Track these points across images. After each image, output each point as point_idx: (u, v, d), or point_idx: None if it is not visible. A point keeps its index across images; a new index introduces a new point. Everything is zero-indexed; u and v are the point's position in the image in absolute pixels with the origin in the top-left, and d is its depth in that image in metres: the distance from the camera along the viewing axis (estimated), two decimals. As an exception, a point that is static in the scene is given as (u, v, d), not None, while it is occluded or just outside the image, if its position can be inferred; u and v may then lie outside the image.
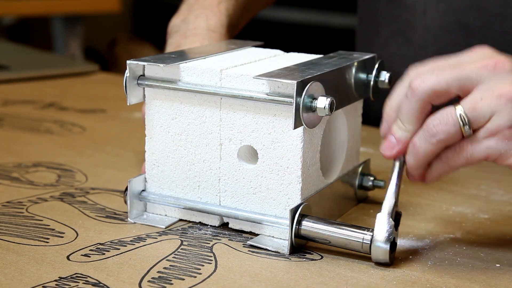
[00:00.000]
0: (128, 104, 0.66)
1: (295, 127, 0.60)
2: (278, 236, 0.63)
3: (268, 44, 0.77)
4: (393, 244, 0.59)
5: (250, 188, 0.64)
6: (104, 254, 0.60)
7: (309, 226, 0.61)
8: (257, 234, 0.64)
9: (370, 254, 0.59)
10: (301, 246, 0.62)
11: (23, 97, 1.14)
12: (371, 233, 0.59)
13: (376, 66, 0.70)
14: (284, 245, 0.62)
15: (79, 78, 1.28)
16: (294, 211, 0.61)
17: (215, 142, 0.65)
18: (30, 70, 1.29)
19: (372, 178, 0.72)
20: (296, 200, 0.62)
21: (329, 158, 0.69)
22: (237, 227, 0.65)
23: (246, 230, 0.65)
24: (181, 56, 0.68)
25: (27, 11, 2.30)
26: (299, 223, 0.61)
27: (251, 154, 0.65)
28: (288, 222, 0.61)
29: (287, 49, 0.75)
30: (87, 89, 1.22)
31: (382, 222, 0.59)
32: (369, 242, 0.59)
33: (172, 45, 0.82)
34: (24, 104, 1.09)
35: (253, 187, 0.64)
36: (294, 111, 0.59)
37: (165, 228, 0.66)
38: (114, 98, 1.15)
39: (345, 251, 0.62)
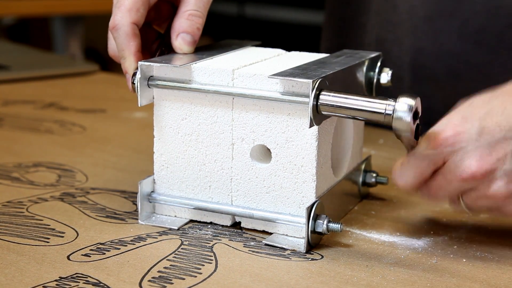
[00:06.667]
0: (139, 105, 0.66)
1: (311, 125, 0.60)
2: (293, 234, 0.63)
3: (267, 44, 0.77)
4: (415, 114, 0.58)
5: (263, 187, 0.64)
6: (104, 254, 0.61)
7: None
8: (269, 233, 0.64)
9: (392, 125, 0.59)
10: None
11: (23, 97, 1.14)
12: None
13: (379, 64, 0.70)
14: (299, 243, 0.62)
15: (79, 78, 1.28)
16: (310, 209, 0.61)
17: (227, 142, 0.65)
18: (30, 70, 1.29)
19: (374, 175, 0.73)
20: (311, 198, 0.63)
21: (337, 156, 0.70)
22: (249, 226, 0.65)
23: (259, 229, 0.65)
24: (188, 56, 0.68)
25: (27, 11, 2.30)
26: (314, 220, 0.61)
27: (263, 154, 0.65)
28: (303, 220, 0.61)
29: (286, 49, 0.75)
30: (87, 89, 1.22)
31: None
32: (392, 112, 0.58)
33: None
34: (24, 104, 1.09)
35: (266, 186, 0.64)
36: (310, 110, 0.59)
37: (177, 229, 0.66)
38: (114, 98, 1.15)
39: (345, 251, 0.62)
